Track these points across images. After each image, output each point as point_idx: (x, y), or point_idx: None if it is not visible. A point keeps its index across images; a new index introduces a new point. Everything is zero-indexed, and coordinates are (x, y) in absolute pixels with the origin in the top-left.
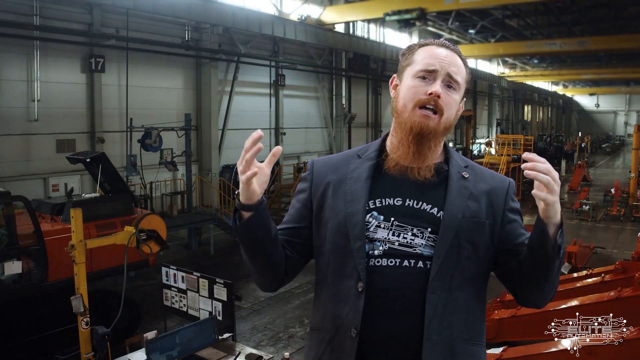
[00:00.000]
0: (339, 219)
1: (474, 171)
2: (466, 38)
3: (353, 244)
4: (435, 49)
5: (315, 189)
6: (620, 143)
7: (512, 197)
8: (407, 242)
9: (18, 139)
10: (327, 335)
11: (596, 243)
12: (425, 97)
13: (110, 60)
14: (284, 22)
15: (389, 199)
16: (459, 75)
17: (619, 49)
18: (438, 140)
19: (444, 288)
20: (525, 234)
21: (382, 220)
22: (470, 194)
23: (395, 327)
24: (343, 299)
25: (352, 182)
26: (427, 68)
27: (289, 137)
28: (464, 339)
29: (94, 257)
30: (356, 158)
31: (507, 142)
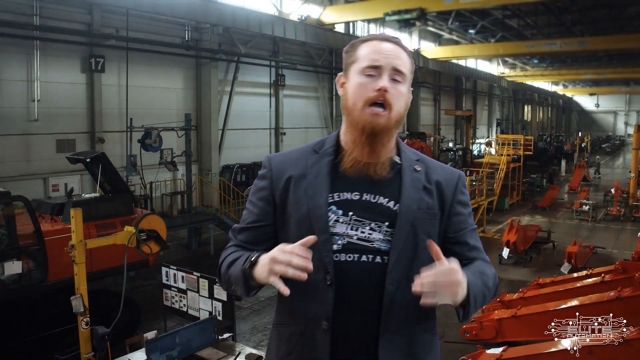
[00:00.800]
0: (302, 213)
1: (425, 164)
2: (466, 38)
3: (318, 237)
4: (378, 44)
5: (276, 185)
6: (621, 143)
7: (461, 189)
8: (365, 237)
9: (18, 139)
10: (297, 329)
11: (596, 243)
12: (374, 93)
13: (110, 60)
14: (284, 22)
15: (347, 193)
16: (404, 67)
17: (619, 49)
18: (391, 135)
19: (402, 280)
20: (468, 228)
21: (341, 214)
22: (423, 187)
23: (358, 319)
24: (311, 292)
25: (313, 177)
26: (372, 64)
27: (289, 137)
28: (421, 329)
29: (94, 257)
30: (313, 153)
31: (507, 142)
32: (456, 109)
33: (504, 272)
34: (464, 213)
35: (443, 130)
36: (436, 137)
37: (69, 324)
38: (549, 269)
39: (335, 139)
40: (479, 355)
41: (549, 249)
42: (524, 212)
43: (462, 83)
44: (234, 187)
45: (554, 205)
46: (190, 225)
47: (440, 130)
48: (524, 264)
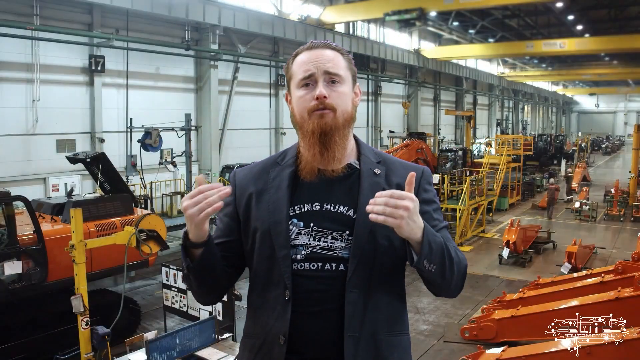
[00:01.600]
0: (264, 229)
1: (387, 165)
2: (466, 38)
3: (278, 252)
4: (307, 54)
5: (239, 201)
6: (620, 143)
7: (424, 187)
8: (327, 246)
9: (18, 139)
10: (257, 342)
11: (596, 243)
12: (314, 102)
13: (110, 60)
14: (284, 22)
15: (307, 205)
16: (338, 68)
17: (619, 48)
18: (341, 133)
19: (364, 286)
20: (436, 225)
21: (302, 226)
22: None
23: (320, 328)
24: (271, 307)
25: (274, 191)
26: (305, 75)
27: (289, 137)
28: (387, 332)
29: (94, 257)
30: (275, 165)
31: (507, 142)
32: (456, 109)
33: (504, 272)
34: (429, 210)
35: (443, 130)
36: (436, 137)
37: (69, 324)
38: (549, 269)
39: (296, 149)
40: (479, 355)
41: (549, 249)
42: (523, 212)
43: (462, 83)
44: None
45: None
46: None
47: (440, 130)
48: (524, 264)
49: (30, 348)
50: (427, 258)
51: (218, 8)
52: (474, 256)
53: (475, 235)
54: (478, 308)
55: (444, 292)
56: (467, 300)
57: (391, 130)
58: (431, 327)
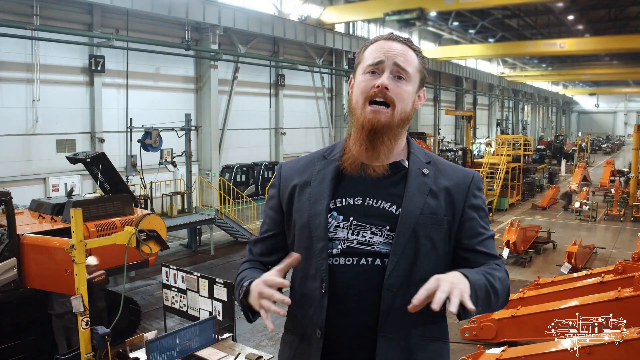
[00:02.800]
0: (303, 221)
1: (436, 167)
2: (466, 38)
3: (316, 244)
4: (383, 43)
5: (283, 193)
6: (620, 143)
7: (474, 192)
8: (365, 240)
9: (18, 139)
10: (297, 337)
11: (596, 243)
12: (374, 90)
13: (110, 60)
14: (284, 22)
15: (349, 198)
16: (409, 65)
17: (619, 48)
18: (393, 134)
19: (402, 285)
20: (483, 233)
21: (342, 220)
22: (429, 190)
23: (355, 324)
24: (309, 300)
25: (317, 184)
26: (374, 61)
27: (289, 137)
28: (422, 336)
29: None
30: (322, 159)
31: (507, 142)
32: (456, 109)
33: None
34: (476, 217)
35: (443, 130)
36: (436, 137)
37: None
38: (549, 269)
39: (344, 143)
40: (479, 355)
41: (549, 249)
42: (523, 213)
43: (462, 83)
44: (234, 187)
45: (554, 205)
46: (190, 225)
47: (440, 130)
48: (524, 264)
49: (30, 348)
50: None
51: (218, 8)
52: None
53: None
54: None
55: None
56: None
57: None
58: None
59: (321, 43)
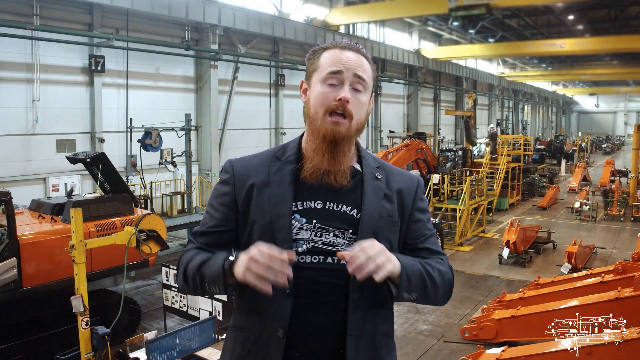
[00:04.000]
0: (265, 222)
1: (385, 171)
2: (466, 38)
3: (280, 246)
4: (339, 53)
5: (239, 191)
6: (620, 143)
7: (420, 196)
8: (329, 242)
9: (18, 139)
10: (252, 335)
11: (596, 243)
12: (335, 103)
13: (110, 60)
14: (284, 22)
15: (310, 202)
16: (366, 75)
17: (619, 48)
18: (351, 143)
19: (366, 285)
20: (427, 233)
21: (305, 222)
22: (384, 194)
23: (321, 321)
24: (269, 299)
25: (276, 185)
26: (333, 70)
27: (289, 137)
28: (382, 334)
29: (94, 257)
30: (275, 160)
31: (507, 142)
32: (456, 109)
33: (504, 272)
34: (423, 219)
35: (443, 130)
36: (436, 137)
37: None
38: (549, 269)
39: (297, 145)
40: (479, 355)
41: (549, 249)
42: (524, 213)
43: (462, 83)
44: None
45: (554, 205)
46: (190, 225)
47: (440, 130)
48: (524, 264)
49: (30, 348)
50: (406, 291)
51: (218, 8)
52: (473, 256)
53: (475, 235)
54: (478, 308)
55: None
56: (467, 300)
57: (391, 130)
58: (431, 327)
59: (321, 43)
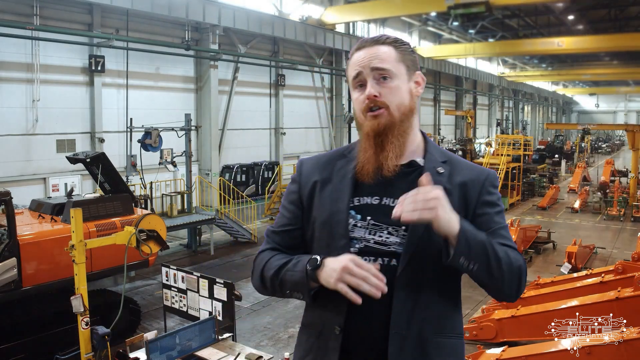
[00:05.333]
0: (324, 217)
1: (452, 165)
2: (466, 38)
3: (337, 242)
4: (356, 55)
5: (304, 189)
6: (621, 143)
7: (488, 189)
8: (382, 241)
9: (18, 139)
10: (314, 332)
11: (596, 243)
12: (365, 103)
13: (110, 60)
14: (284, 22)
15: (367, 197)
16: (386, 62)
17: (617, 47)
18: (398, 130)
19: (414, 283)
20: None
21: (359, 219)
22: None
23: (371, 323)
24: (328, 298)
25: (337, 181)
26: (354, 74)
27: (289, 137)
28: (435, 333)
29: (94, 257)
30: (342, 157)
31: (507, 142)
32: (456, 109)
33: None
34: (490, 213)
35: (443, 130)
36: (436, 137)
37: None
38: (549, 269)
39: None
40: (479, 355)
41: (549, 249)
42: (524, 213)
43: (462, 83)
44: (234, 187)
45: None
46: (190, 225)
47: (440, 130)
48: None
49: (30, 348)
50: (464, 255)
51: (218, 8)
52: None
53: None
54: (478, 308)
55: (496, 292)
56: (467, 300)
57: None
58: None
59: (321, 43)
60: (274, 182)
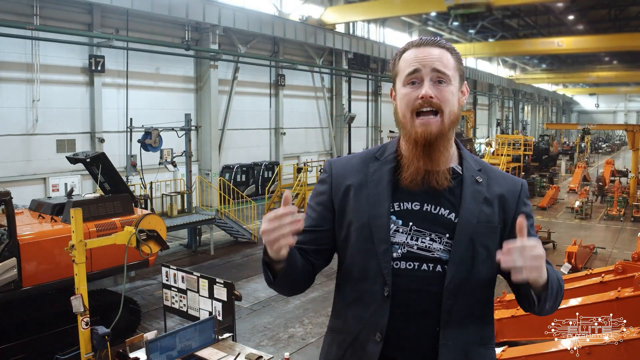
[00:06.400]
0: (363, 222)
1: (487, 174)
2: (466, 38)
3: (378, 247)
4: (416, 50)
5: (336, 191)
6: (621, 143)
7: (524, 200)
8: (425, 247)
9: (18, 139)
10: (349, 337)
11: (596, 243)
12: (418, 101)
13: (110, 60)
14: (284, 22)
15: (407, 203)
16: (447, 67)
17: (617, 46)
18: (447, 140)
19: (460, 293)
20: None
21: (401, 224)
22: (484, 199)
23: (414, 330)
24: (367, 302)
25: (374, 185)
26: (411, 71)
27: (289, 137)
28: (477, 343)
29: (94, 257)
30: (374, 160)
31: (507, 142)
32: None
33: None
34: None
35: None
36: None
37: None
38: None
39: (396, 145)
40: None
41: (549, 249)
42: None
43: None
44: (234, 187)
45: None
46: (190, 225)
47: None
48: None
49: (30, 348)
50: (548, 299)
51: (218, 8)
52: None
53: None
54: None
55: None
56: None
57: (391, 130)
58: None
59: (321, 43)
60: (273, 182)
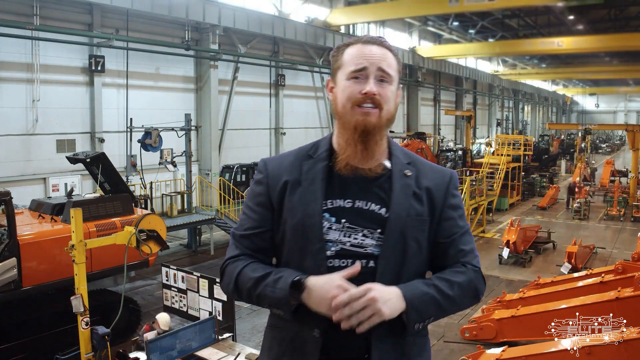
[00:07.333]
0: (297, 220)
1: (417, 167)
2: (466, 38)
3: (312, 245)
4: (363, 47)
5: (272, 190)
6: (621, 143)
7: (452, 192)
8: (358, 243)
9: (18, 139)
10: (289, 333)
11: (596, 243)
12: (361, 96)
13: (110, 60)
14: (284, 22)
15: (339, 200)
16: (390, 68)
17: (617, 46)
18: (382, 134)
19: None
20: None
21: (334, 222)
22: (413, 193)
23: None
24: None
25: (308, 184)
26: (357, 68)
27: (288, 137)
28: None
29: (94, 257)
30: (308, 158)
31: (507, 142)
32: (456, 109)
33: (504, 272)
34: (455, 217)
35: (443, 130)
36: (436, 137)
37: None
38: (549, 269)
39: (329, 142)
40: (479, 355)
41: (549, 249)
42: (524, 213)
43: (462, 83)
44: (234, 187)
45: (554, 205)
46: (190, 225)
47: (441, 130)
48: (524, 264)
49: (30, 348)
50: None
51: (218, 8)
52: None
53: (475, 235)
54: (478, 308)
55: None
56: None
57: (391, 130)
58: (431, 327)
59: (321, 43)
60: None
